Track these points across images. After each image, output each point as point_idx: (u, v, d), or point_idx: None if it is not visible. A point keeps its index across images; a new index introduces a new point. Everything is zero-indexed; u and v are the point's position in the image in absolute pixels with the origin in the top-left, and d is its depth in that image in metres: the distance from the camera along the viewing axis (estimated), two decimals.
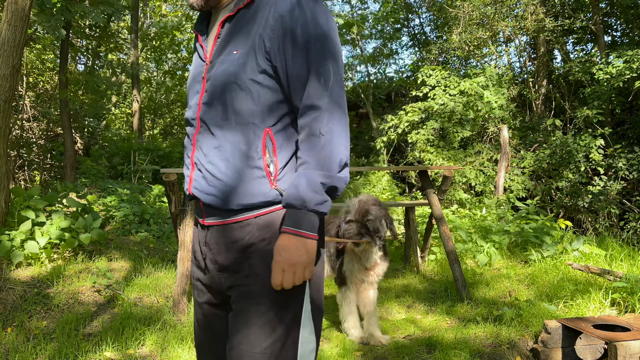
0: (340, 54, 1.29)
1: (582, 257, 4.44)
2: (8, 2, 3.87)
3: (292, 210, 1.20)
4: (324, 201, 1.20)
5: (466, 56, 11.07)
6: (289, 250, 1.20)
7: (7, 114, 3.92)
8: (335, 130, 1.23)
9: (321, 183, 1.19)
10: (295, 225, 1.19)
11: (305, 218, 1.20)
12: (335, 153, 1.22)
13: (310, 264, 1.22)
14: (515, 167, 9.00)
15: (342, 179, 1.23)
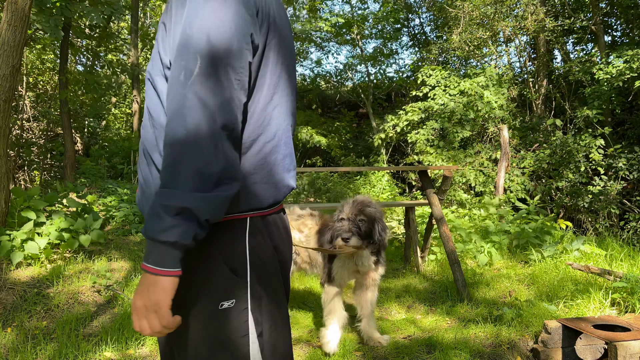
0: (224, 43, 0.99)
1: (582, 257, 4.44)
2: (8, 2, 3.87)
3: (147, 240, 0.98)
4: (170, 227, 0.93)
5: (466, 56, 11.07)
6: (137, 289, 1.00)
7: (7, 114, 3.92)
8: (191, 140, 0.95)
9: (164, 205, 0.94)
10: (144, 258, 0.98)
11: (152, 249, 0.97)
12: (189, 168, 0.94)
13: (159, 307, 0.97)
14: (515, 167, 9.00)
15: (204, 200, 0.95)
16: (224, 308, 1.08)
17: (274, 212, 1.21)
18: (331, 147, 12.62)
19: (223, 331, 1.08)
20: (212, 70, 0.97)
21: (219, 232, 1.08)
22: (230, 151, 0.99)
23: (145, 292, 0.98)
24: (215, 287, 1.07)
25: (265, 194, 1.15)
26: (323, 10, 14.83)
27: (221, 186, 0.98)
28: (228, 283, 1.08)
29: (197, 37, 0.98)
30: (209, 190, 0.96)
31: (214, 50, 0.98)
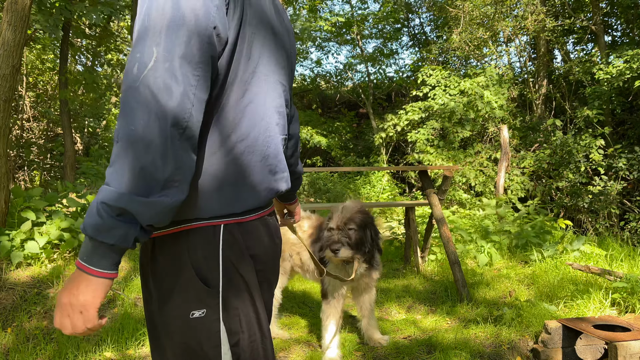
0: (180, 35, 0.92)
1: (582, 257, 4.44)
2: (8, 2, 3.87)
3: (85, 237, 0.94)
4: (109, 228, 0.88)
5: (466, 56, 11.07)
6: (65, 285, 0.94)
7: (7, 114, 3.92)
8: (139, 137, 0.88)
9: (104, 203, 0.88)
10: (80, 255, 0.94)
11: (88, 247, 0.92)
12: (133, 167, 0.88)
13: (86, 309, 0.92)
14: (515, 167, 9.00)
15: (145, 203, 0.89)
16: (194, 317, 1.04)
17: (255, 218, 1.13)
18: (331, 147, 12.63)
19: (195, 340, 1.05)
20: (167, 64, 0.90)
21: (191, 239, 1.04)
22: (181, 152, 0.92)
23: (74, 290, 0.92)
24: (185, 296, 1.04)
25: (240, 198, 1.08)
26: (323, 10, 14.84)
27: (168, 190, 0.91)
28: (199, 292, 1.04)
29: (153, 27, 0.91)
30: (154, 194, 0.89)
31: (171, 43, 0.90)
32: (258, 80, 1.11)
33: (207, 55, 0.95)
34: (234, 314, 1.08)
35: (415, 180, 11.15)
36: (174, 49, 0.91)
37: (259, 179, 1.11)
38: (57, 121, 11.10)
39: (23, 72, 10.50)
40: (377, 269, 2.99)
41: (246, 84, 1.08)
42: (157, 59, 0.90)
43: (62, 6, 6.98)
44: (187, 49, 0.91)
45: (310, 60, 17.14)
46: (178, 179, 0.92)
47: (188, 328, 1.05)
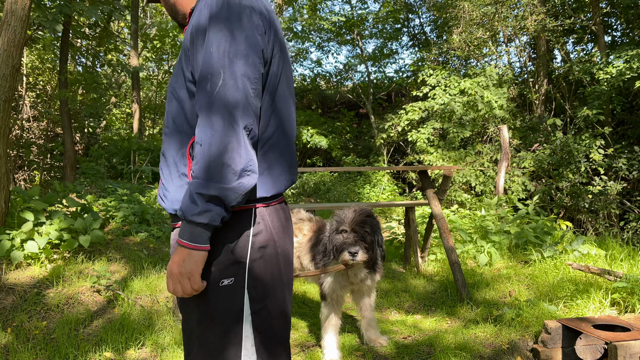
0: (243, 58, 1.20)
1: (582, 257, 4.44)
2: (8, 2, 3.87)
3: (182, 221, 1.20)
4: (203, 211, 1.15)
5: (466, 56, 11.07)
6: (173, 259, 1.21)
7: (7, 114, 3.92)
8: (218, 138, 1.15)
9: (198, 193, 1.14)
10: (180, 235, 1.19)
11: (187, 228, 1.18)
12: (217, 162, 1.14)
13: (192, 275, 1.19)
14: (516, 168, 9.00)
15: (230, 189, 1.15)
16: (223, 285, 1.26)
17: (277, 203, 1.37)
18: (331, 147, 12.63)
19: (221, 305, 1.26)
20: (232, 81, 1.17)
21: (231, 221, 1.25)
22: (250, 148, 1.19)
23: (181, 262, 1.19)
24: (218, 267, 1.25)
25: (268, 186, 1.32)
26: (323, 11, 14.84)
27: (243, 177, 1.17)
28: (230, 263, 1.26)
29: (219, 53, 1.19)
30: (234, 182, 1.15)
31: (234, 65, 1.18)
32: (281, 90, 1.36)
33: (259, 72, 1.23)
34: (257, 285, 1.28)
35: (415, 180, 11.15)
36: (237, 69, 1.18)
37: (281, 170, 1.35)
38: (57, 121, 11.10)
39: (23, 72, 10.50)
40: (379, 272, 2.97)
41: (273, 93, 1.33)
42: (224, 78, 1.17)
43: (62, 4, 6.98)
44: (246, 69, 1.19)
45: (310, 60, 17.15)
46: (250, 169, 1.18)
47: (217, 294, 1.26)
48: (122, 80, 15.11)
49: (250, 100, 1.19)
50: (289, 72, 1.40)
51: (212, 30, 1.22)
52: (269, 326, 1.30)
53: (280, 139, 1.35)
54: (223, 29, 1.21)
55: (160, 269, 4.28)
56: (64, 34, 8.12)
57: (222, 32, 1.21)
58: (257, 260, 1.28)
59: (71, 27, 8.19)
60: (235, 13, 1.22)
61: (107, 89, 11.37)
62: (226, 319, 1.26)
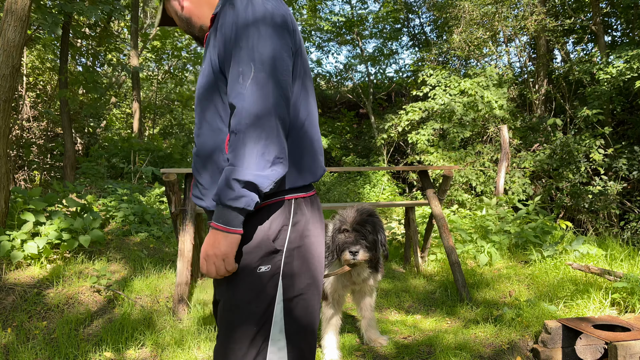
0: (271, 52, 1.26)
1: (582, 257, 4.44)
2: (8, 2, 3.87)
3: (217, 205, 1.26)
4: (239, 197, 1.21)
5: (466, 56, 11.07)
6: (208, 241, 1.27)
7: (7, 114, 3.92)
8: (252, 128, 1.21)
9: (234, 179, 1.21)
10: (215, 219, 1.26)
11: (222, 213, 1.25)
12: (252, 150, 1.21)
13: (227, 257, 1.26)
14: (516, 168, 9.00)
15: (264, 176, 1.22)
16: (260, 271, 1.32)
17: (312, 195, 1.44)
18: (331, 147, 12.61)
19: (256, 290, 1.32)
20: (266, 74, 1.24)
21: (269, 211, 1.33)
22: (282, 138, 1.26)
23: (216, 244, 1.26)
24: (257, 253, 1.32)
25: (302, 176, 1.39)
26: (323, 11, 14.84)
27: (276, 165, 1.24)
28: (268, 252, 1.32)
29: (249, 49, 1.26)
30: (267, 169, 1.22)
31: (264, 59, 1.25)
32: (305, 86, 1.42)
33: (289, 67, 1.30)
34: (292, 273, 1.34)
35: (415, 180, 11.15)
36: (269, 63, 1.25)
37: (313, 159, 1.42)
38: (57, 121, 11.09)
39: (23, 72, 10.50)
40: (380, 272, 2.97)
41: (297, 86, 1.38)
42: (255, 71, 1.24)
43: (61, 3, 6.97)
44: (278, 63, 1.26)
45: (310, 60, 17.14)
46: (282, 157, 1.25)
47: (253, 279, 1.32)
48: (122, 80, 15.10)
49: (281, 92, 1.26)
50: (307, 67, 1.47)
51: (239, 28, 1.29)
52: (300, 314, 1.36)
53: (307, 130, 1.41)
54: (250, 26, 1.28)
55: (161, 269, 4.28)
56: (64, 34, 8.12)
57: (248, 28, 1.28)
58: (294, 249, 1.35)
59: (71, 27, 8.19)
60: (259, 10, 1.29)
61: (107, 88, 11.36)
62: (259, 304, 1.32)
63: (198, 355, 2.90)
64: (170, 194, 3.77)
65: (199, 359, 2.87)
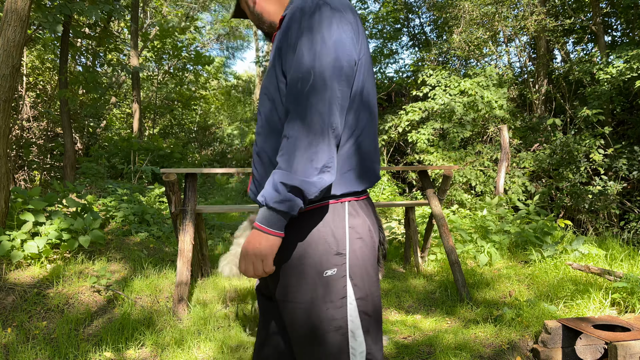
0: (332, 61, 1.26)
1: (582, 257, 4.44)
2: (8, 2, 3.87)
3: (262, 206, 1.28)
4: (284, 200, 1.23)
5: (466, 56, 11.06)
6: (249, 241, 1.29)
7: (7, 114, 3.92)
8: (304, 134, 1.23)
9: (282, 183, 1.22)
10: (259, 219, 1.28)
11: (266, 214, 1.26)
12: (302, 156, 1.22)
13: (266, 258, 1.28)
14: (516, 168, 8.99)
15: (310, 183, 1.22)
16: (327, 275, 1.34)
17: (366, 197, 1.46)
18: None
19: (326, 294, 1.35)
20: (322, 82, 1.24)
21: (325, 213, 1.35)
22: (333, 147, 1.26)
23: (257, 245, 1.27)
24: (320, 258, 1.34)
25: (358, 181, 1.40)
26: None
27: (323, 174, 1.24)
28: (330, 256, 1.34)
29: (310, 56, 1.26)
30: (314, 176, 1.22)
31: (324, 67, 1.25)
32: (367, 91, 1.42)
33: (348, 75, 1.29)
34: (358, 273, 1.38)
35: (415, 180, 11.14)
36: (326, 71, 1.25)
37: (369, 165, 1.43)
38: (57, 121, 11.09)
39: (23, 72, 10.50)
40: (380, 272, 2.97)
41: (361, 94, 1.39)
42: (314, 79, 1.24)
43: (61, 4, 6.97)
44: (335, 71, 1.26)
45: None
46: (331, 166, 1.25)
47: (321, 284, 1.34)
48: (122, 80, 15.10)
49: (337, 100, 1.26)
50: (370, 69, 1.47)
51: (303, 33, 1.29)
52: (371, 310, 1.41)
53: (367, 137, 1.42)
54: (314, 32, 1.28)
55: (161, 269, 4.28)
56: (64, 34, 8.11)
57: (313, 34, 1.28)
58: (356, 250, 1.37)
59: (71, 27, 8.19)
60: (326, 16, 1.29)
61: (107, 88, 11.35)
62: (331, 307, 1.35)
63: (198, 355, 2.90)
64: (170, 194, 3.77)
65: (199, 359, 2.87)
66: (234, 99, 19.64)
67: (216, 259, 5.03)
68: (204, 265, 4.41)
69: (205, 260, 4.41)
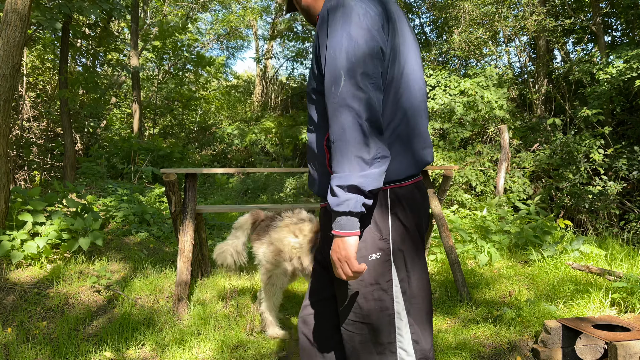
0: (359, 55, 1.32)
1: (582, 257, 4.44)
2: (8, 2, 3.87)
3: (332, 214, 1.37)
4: (344, 201, 1.31)
5: (466, 56, 11.06)
6: (333, 249, 1.38)
7: (7, 114, 3.92)
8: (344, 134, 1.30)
9: (337, 186, 1.31)
10: (333, 226, 1.36)
11: (335, 219, 1.35)
12: (347, 155, 1.30)
13: (348, 259, 1.34)
14: (516, 168, 8.99)
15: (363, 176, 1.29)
16: (372, 259, 1.44)
17: (411, 183, 1.51)
18: None
19: (372, 277, 1.44)
20: (353, 80, 1.31)
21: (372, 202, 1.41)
22: (376, 137, 1.32)
23: (338, 250, 1.35)
24: (366, 244, 1.43)
25: (401, 168, 1.46)
26: None
27: (374, 165, 1.31)
28: (375, 241, 1.43)
29: (339, 56, 1.33)
30: (367, 170, 1.30)
31: (353, 65, 1.31)
32: (406, 78, 1.47)
33: (377, 68, 1.35)
34: (401, 256, 1.46)
35: None
36: (355, 69, 1.31)
37: (413, 153, 1.48)
38: (57, 121, 11.09)
39: (23, 72, 10.50)
40: None
41: (398, 82, 1.45)
42: (345, 78, 1.31)
43: (61, 3, 6.97)
44: (365, 67, 1.32)
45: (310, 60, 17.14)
46: (380, 155, 1.33)
47: (367, 267, 1.43)
48: (122, 80, 15.09)
49: (370, 94, 1.31)
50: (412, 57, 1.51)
51: (332, 33, 1.36)
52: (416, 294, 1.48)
53: (407, 126, 1.47)
54: (342, 32, 1.34)
55: (161, 269, 4.28)
56: (63, 34, 8.11)
57: (341, 34, 1.34)
58: (398, 235, 1.45)
59: (71, 27, 8.19)
60: (352, 15, 1.35)
61: (107, 89, 11.35)
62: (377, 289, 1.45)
63: (198, 354, 2.90)
64: (170, 194, 3.77)
65: (199, 358, 2.87)
66: (234, 98, 19.64)
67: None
68: (204, 265, 4.41)
69: (205, 260, 4.42)
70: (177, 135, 16.85)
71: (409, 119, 1.47)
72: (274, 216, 3.27)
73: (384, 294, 1.44)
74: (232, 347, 3.00)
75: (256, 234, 3.27)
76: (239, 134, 14.48)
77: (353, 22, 1.34)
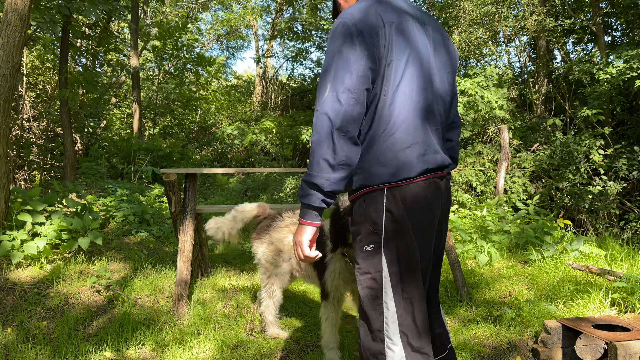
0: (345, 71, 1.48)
1: (582, 257, 4.43)
2: (8, 2, 3.87)
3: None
4: (306, 195, 1.53)
5: (466, 56, 11.06)
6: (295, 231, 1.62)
7: (7, 114, 3.92)
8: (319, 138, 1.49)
9: (304, 181, 1.52)
10: (300, 213, 1.60)
11: (301, 208, 1.58)
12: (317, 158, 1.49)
13: (301, 244, 1.59)
14: (516, 168, 8.99)
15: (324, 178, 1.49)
16: (366, 250, 1.62)
17: (409, 183, 1.60)
18: None
19: (366, 264, 1.63)
20: (334, 93, 1.48)
21: (367, 199, 1.60)
22: (345, 146, 1.49)
23: (297, 234, 1.60)
24: (362, 236, 1.63)
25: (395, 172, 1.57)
26: (323, 10, 14.82)
27: (338, 170, 1.49)
28: (370, 233, 1.60)
29: (329, 70, 1.50)
30: (328, 173, 1.49)
31: (337, 80, 1.48)
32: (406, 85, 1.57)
33: (361, 87, 1.50)
34: (392, 249, 1.58)
35: None
36: (339, 84, 1.48)
37: (408, 159, 1.58)
38: (57, 121, 11.09)
39: (23, 72, 10.50)
40: None
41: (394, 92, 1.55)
42: (330, 90, 1.49)
43: (60, 3, 6.96)
44: (348, 81, 1.48)
45: (310, 60, 17.14)
46: (344, 163, 1.50)
47: (363, 256, 1.63)
48: (122, 80, 15.10)
49: (347, 108, 1.47)
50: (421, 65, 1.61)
51: (328, 48, 1.54)
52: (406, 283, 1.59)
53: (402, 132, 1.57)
54: (334, 47, 1.51)
55: (161, 269, 4.28)
56: (63, 34, 8.11)
57: (334, 49, 1.52)
58: (390, 230, 1.58)
59: (71, 27, 8.19)
60: (346, 33, 1.51)
61: (107, 89, 11.34)
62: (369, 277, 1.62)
63: (198, 354, 2.90)
64: (170, 194, 3.77)
65: (199, 358, 2.87)
66: (234, 99, 19.63)
67: (216, 259, 5.03)
68: (204, 265, 4.41)
69: (205, 260, 4.42)
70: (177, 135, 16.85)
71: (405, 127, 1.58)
72: (274, 216, 3.27)
73: (374, 283, 1.60)
74: (232, 347, 3.00)
75: (256, 234, 3.27)
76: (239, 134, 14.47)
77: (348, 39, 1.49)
